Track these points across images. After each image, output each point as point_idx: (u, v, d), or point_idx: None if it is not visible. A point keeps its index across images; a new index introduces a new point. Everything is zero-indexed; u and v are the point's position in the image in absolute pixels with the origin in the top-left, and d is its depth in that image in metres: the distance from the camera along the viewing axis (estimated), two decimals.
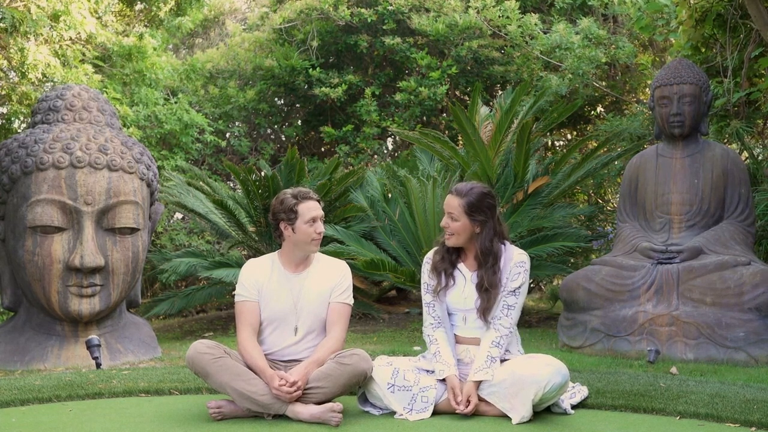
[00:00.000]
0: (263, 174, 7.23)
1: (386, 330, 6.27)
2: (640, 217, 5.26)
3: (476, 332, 3.29)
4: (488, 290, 3.23)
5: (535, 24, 8.12)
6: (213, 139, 8.69)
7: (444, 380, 3.22)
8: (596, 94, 8.47)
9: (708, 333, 4.50)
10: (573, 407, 3.29)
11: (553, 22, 8.40)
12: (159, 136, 7.83)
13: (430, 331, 3.34)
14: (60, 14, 5.99)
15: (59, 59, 6.35)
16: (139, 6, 8.18)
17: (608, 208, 8.28)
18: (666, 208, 5.13)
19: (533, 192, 6.30)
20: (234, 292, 3.42)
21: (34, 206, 4.61)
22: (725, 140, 6.23)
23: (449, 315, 3.35)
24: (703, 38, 6.26)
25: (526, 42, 8.21)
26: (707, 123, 5.26)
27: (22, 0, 5.79)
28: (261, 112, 9.88)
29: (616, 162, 7.04)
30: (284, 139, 10.45)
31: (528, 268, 3.32)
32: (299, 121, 10.66)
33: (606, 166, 6.73)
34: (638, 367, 4.28)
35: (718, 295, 4.57)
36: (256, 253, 6.51)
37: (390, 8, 9.23)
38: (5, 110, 6.95)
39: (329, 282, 3.36)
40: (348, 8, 9.41)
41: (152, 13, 8.03)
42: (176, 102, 8.13)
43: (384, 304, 7.56)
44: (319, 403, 3.11)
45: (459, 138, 7.73)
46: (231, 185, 9.42)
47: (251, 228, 6.66)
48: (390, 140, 10.30)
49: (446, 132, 9.15)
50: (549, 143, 9.65)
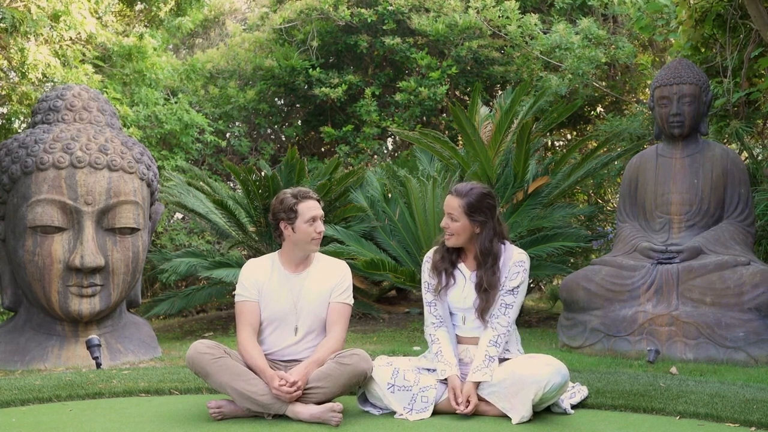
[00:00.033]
0: (263, 174, 7.23)
1: (386, 330, 6.27)
2: (640, 217, 5.26)
3: (476, 332, 3.29)
4: (487, 290, 3.23)
5: (535, 24, 8.12)
6: (213, 139, 8.69)
7: (445, 380, 3.22)
8: (596, 94, 8.47)
9: (708, 333, 4.50)
10: (573, 407, 3.29)
11: (553, 22, 8.41)
12: (159, 136, 7.84)
13: (432, 331, 3.34)
14: (60, 14, 5.99)
15: (59, 59, 6.35)
16: (139, 6, 8.18)
17: (608, 208, 8.28)
18: (666, 208, 5.13)
19: (533, 192, 6.30)
20: (234, 292, 3.42)
21: (35, 206, 4.61)
22: (725, 140, 6.23)
23: (450, 314, 3.36)
24: (703, 38, 6.26)
25: (526, 42, 8.21)
26: (707, 123, 5.26)
27: (23, 0, 5.79)
28: (261, 112, 9.88)
29: (616, 162, 7.04)
30: (284, 139, 10.46)
31: (527, 268, 3.32)
32: (299, 121, 10.66)
33: (606, 166, 6.73)
34: (638, 367, 4.28)
35: (718, 295, 4.57)
36: (256, 253, 6.51)
37: (390, 8, 9.23)
38: (5, 110, 6.95)
39: (329, 282, 3.37)
40: (348, 8, 9.41)
41: (152, 13, 8.03)
42: (176, 102, 8.13)
43: (384, 304, 7.56)
44: (319, 403, 3.11)
45: (459, 138, 7.73)
46: (231, 185, 9.43)
47: (251, 228, 6.67)
48: (390, 140, 10.31)
49: (446, 132, 9.16)
50: (549, 143, 9.65)
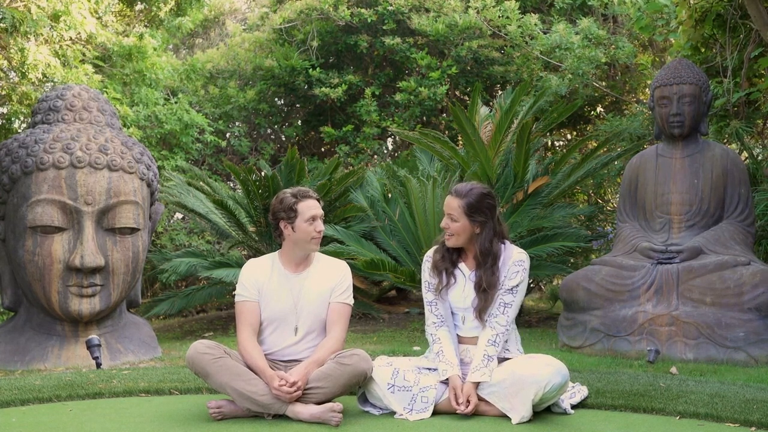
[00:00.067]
0: (263, 174, 7.23)
1: (386, 330, 6.27)
2: (640, 217, 5.26)
3: (476, 332, 3.29)
4: (486, 290, 3.22)
5: (535, 24, 8.12)
6: (213, 139, 8.69)
7: (446, 380, 3.22)
8: (596, 94, 8.47)
9: (708, 333, 4.50)
10: (573, 407, 3.29)
11: (553, 22, 8.41)
12: (159, 136, 7.84)
13: (433, 330, 3.33)
14: (60, 14, 5.99)
15: (59, 59, 6.35)
16: (139, 6, 8.18)
17: (608, 208, 8.28)
18: (666, 208, 5.13)
19: (533, 192, 6.30)
20: (234, 292, 3.42)
21: (35, 206, 4.61)
22: (725, 140, 6.23)
23: (451, 314, 3.35)
24: (703, 38, 6.27)
25: (526, 42, 8.21)
26: (707, 123, 5.26)
27: (23, 0, 5.79)
28: (261, 112, 9.88)
29: (616, 162, 7.04)
30: (284, 139, 10.46)
31: (527, 267, 3.31)
32: (299, 121, 10.66)
33: (606, 166, 6.73)
34: (638, 367, 4.28)
35: (718, 295, 4.57)
36: (256, 253, 6.51)
37: (390, 8, 9.23)
38: (5, 110, 6.96)
39: (329, 282, 3.36)
40: (348, 8, 9.42)
41: (152, 13, 8.03)
42: (176, 102, 8.13)
43: (384, 304, 7.56)
44: (319, 403, 3.11)
45: (459, 138, 7.73)
46: (231, 185, 9.43)
47: (251, 228, 6.67)
48: (390, 140, 10.31)
49: (446, 132, 9.16)
50: (549, 143, 9.65)
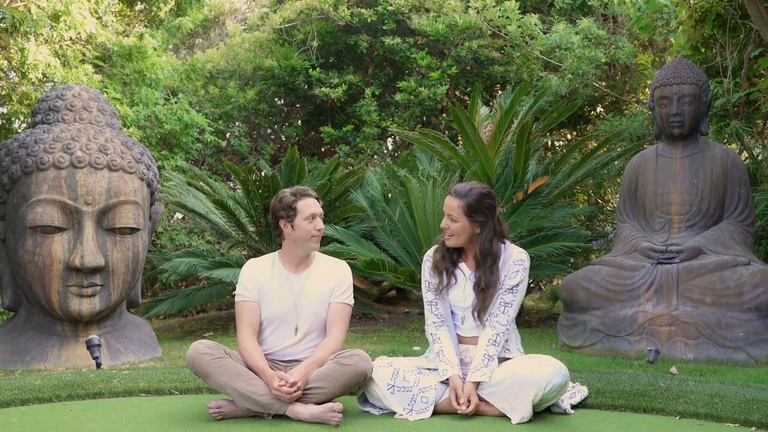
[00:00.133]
0: (263, 174, 7.23)
1: (386, 330, 6.27)
2: (640, 217, 5.26)
3: (476, 332, 3.29)
4: (485, 290, 3.22)
5: (535, 24, 8.12)
6: (213, 139, 8.69)
7: (446, 380, 3.22)
8: (596, 94, 8.47)
9: (708, 333, 4.50)
10: (573, 407, 3.29)
11: (553, 22, 8.41)
12: (159, 136, 7.84)
13: (433, 330, 3.33)
14: (60, 14, 6.00)
15: (59, 59, 6.35)
16: (139, 6, 8.18)
17: (608, 208, 8.28)
18: (666, 208, 5.13)
19: (533, 192, 6.30)
20: (234, 292, 3.42)
21: (35, 206, 4.61)
22: (725, 140, 6.23)
23: (451, 314, 3.35)
24: (703, 38, 6.27)
25: (526, 42, 8.21)
26: (707, 123, 5.26)
27: (23, 0, 5.79)
28: (261, 112, 9.88)
29: (616, 162, 7.04)
30: (284, 139, 10.46)
31: (527, 267, 3.31)
32: (299, 121, 10.66)
33: (606, 166, 6.73)
34: (638, 367, 4.28)
35: (718, 295, 4.57)
36: (256, 253, 6.51)
37: (390, 8, 9.23)
38: (5, 110, 6.96)
39: (330, 282, 3.36)
40: (348, 8, 9.42)
41: (152, 13, 8.04)
42: (176, 102, 8.13)
43: (384, 304, 7.56)
44: (319, 404, 3.11)
45: (459, 138, 7.73)
46: (231, 185, 9.43)
47: (251, 228, 6.67)
48: (390, 140, 10.31)
49: (446, 132, 9.16)
50: (549, 143, 9.65)
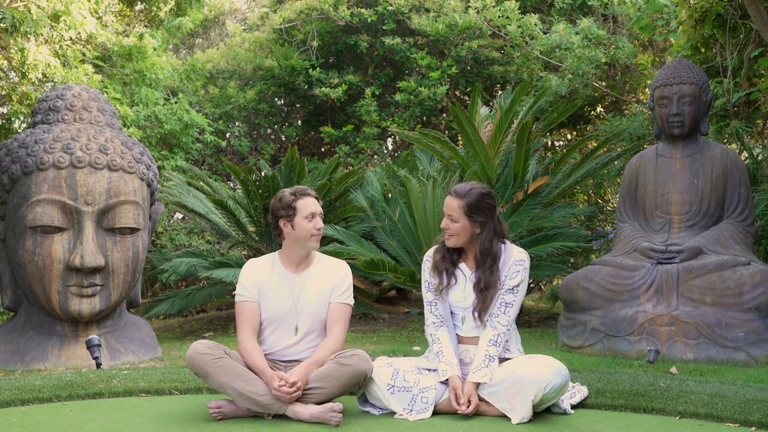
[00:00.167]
0: (263, 174, 7.23)
1: (386, 330, 6.27)
2: (640, 217, 5.26)
3: (476, 332, 3.29)
4: (485, 290, 3.22)
5: (535, 24, 8.12)
6: (213, 139, 8.69)
7: (446, 381, 3.22)
8: (596, 94, 8.48)
9: (708, 333, 4.50)
10: (573, 407, 3.29)
11: (553, 22, 8.41)
12: (159, 136, 7.84)
13: (433, 330, 3.33)
14: (60, 14, 6.00)
15: (59, 59, 6.35)
16: (139, 6, 8.18)
17: (608, 208, 8.28)
18: (666, 208, 5.13)
19: (533, 192, 6.30)
20: (234, 292, 3.42)
21: (35, 206, 4.61)
22: (725, 140, 6.23)
23: (451, 314, 3.35)
24: (703, 38, 6.27)
25: (526, 42, 8.21)
26: (707, 123, 5.26)
27: (23, 0, 5.79)
28: (261, 112, 9.88)
29: (616, 162, 7.04)
30: (284, 139, 10.46)
31: (527, 267, 3.31)
32: (299, 121, 10.66)
33: (606, 166, 6.73)
34: (638, 367, 4.28)
35: (718, 295, 4.57)
36: (256, 253, 6.51)
37: (390, 8, 9.23)
38: (5, 110, 6.96)
39: (330, 282, 3.36)
40: (348, 8, 9.42)
41: (152, 13, 8.04)
42: (176, 102, 8.13)
43: (384, 304, 7.56)
44: (319, 404, 3.11)
45: (459, 138, 7.73)
46: (231, 185, 9.43)
47: (251, 228, 6.67)
48: (390, 140, 10.31)
49: (446, 132, 9.16)
50: (549, 143, 9.65)
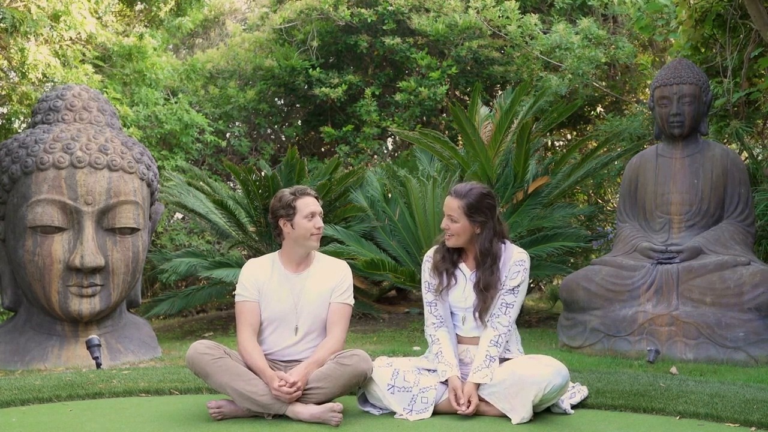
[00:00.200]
0: (263, 174, 7.23)
1: (386, 330, 6.27)
2: (640, 217, 5.26)
3: (476, 332, 3.29)
4: (485, 291, 3.22)
5: (535, 24, 8.12)
6: (213, 139, 8.69)
7: (446, 381, 3.22)
8: (596, 94, 8.48)
9: (708, 333, 4.50)
10: (573, 407, 3.29)
11: (553, 23, 8.41)
12: (159, 136, 7.84)
13: (432, 331, 3.33)
14: (60, 14, 6.00)
15: (59, 59, 6.35)
16: (139, 6, 8.18)
17: (608, 208, 8.28)
18: (666, 208, 5.13)
19: (533, 192, 6.30)
20: (234, 292, 3.42)
21: (35, 206, 4.61)
22: (725, 140, 6.23)
23: (450, 314, 3.35)
24: (703, 38, 6.27)
25: (526, 42, 8.21)
26: (707, 123, 5.26)
27: (23, 0, 5.79)
28: (261, 112, 9.88)
29: (616, 162, 7.04)
30: (284, 139, 10.46)
31: (528, 267, 3.31)
32: (299, 121, 10.66)
33: (606, 166, 6.73)
34: (638, 367, 4.28)
35: (718, 295, 4.57)
36: (256, 253, 6.51)
37: (390, 8, 9.23)
38: (5, 110, 6.96)
39: (330, 282, 3.36)
40: (348, 8, 9.42)
41: (152, 14, 8.04)
42: (176, 102, 8.13)
43: (384, 304, 7.56)
44: (319, 404, 3.11)
45: (459, 138, 7.73)
46: (231, 185, 9.43)
47: (251, 228, 6.67)
48: (390, 140, 10.31)
49: (446, 132, 9.16)
50: (549, 143, 9.65)
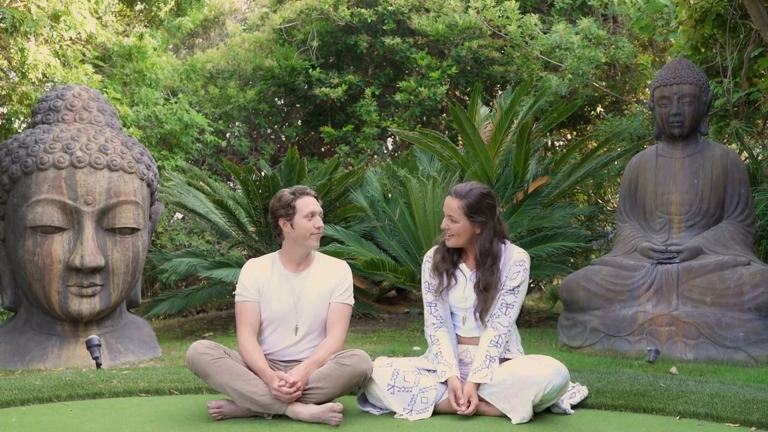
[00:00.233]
0: (263, 174, 7.23)
1: (386, 330, 6.27)
2: (640, 217, 5.26)
3: (476, 332, 3.29)
4: (485, 291, 3.22)
5: (535, 24, 8.12)
6: (213, 139, 8.69)
7: (445, 381, 3.22)
8: (596, 94, 8.48)
9: (708, 333, 4.50)
10: (573, 407, 3.29)
11: (553, 22, 8.41)
12: (159, 136, 7.84)
13: (432, 331, 3.33)
14: (60, 14, 6.00)
15: (59, 59, 6.35)
16: (139, 6, 8.18)
17: (608, 208, 8.28)
18: (666, 208, 5.13)
19: (533, 192, 6.30)
20: (234, 292, 3.42)
21: (35, 206, 4.61)
22: (725, 140, 6.23)
23: (451, 315, 3.35)
24: (703, 38, 6.27)
25: (526, 42, 8.21)
26: (707, 123, 5.26)
27: (23, 0, 5.79)
28: (261, 112, 9.88)
29: (616, 162, 7.04)
30: (284, 139, 10.46)
31: (528, 267, 3.31)
32: (299, 121, 10.66)
33: (606, 166, 6.73)
34: (638, 367, 4.28)
35: (718, 295, 4.57)
36: (256, 253, 6.51)
37: (390, 8, 9.23)
38: (5, 110, 6.96)
39: (330, 282, 3.36)
40: (348, 8, 9.42)
41: (152, 13, 8.04)
42: (176, 102, 8.13)
43: (384, 304, 7.56)
44: (319, 404, 3.11)
45: (459, 138, 7.73)
46: (231, 185, 9.43)
47: (251, 228, 6.67)
48: (390, 140, 10.31)
49: (446, 132, 9.16)
50: (549, 143, 9.65)
